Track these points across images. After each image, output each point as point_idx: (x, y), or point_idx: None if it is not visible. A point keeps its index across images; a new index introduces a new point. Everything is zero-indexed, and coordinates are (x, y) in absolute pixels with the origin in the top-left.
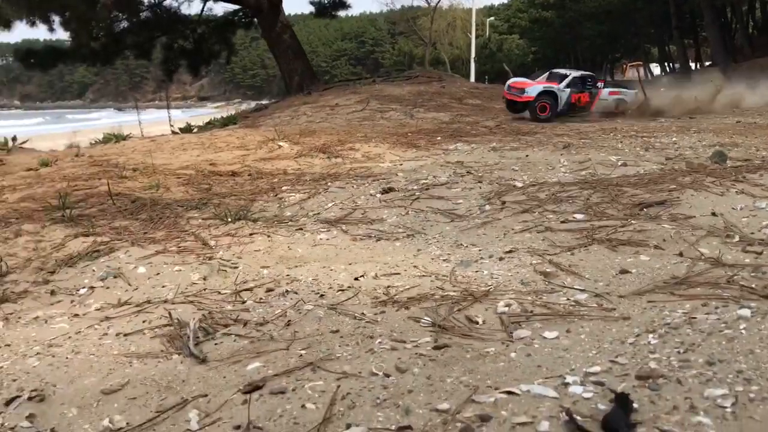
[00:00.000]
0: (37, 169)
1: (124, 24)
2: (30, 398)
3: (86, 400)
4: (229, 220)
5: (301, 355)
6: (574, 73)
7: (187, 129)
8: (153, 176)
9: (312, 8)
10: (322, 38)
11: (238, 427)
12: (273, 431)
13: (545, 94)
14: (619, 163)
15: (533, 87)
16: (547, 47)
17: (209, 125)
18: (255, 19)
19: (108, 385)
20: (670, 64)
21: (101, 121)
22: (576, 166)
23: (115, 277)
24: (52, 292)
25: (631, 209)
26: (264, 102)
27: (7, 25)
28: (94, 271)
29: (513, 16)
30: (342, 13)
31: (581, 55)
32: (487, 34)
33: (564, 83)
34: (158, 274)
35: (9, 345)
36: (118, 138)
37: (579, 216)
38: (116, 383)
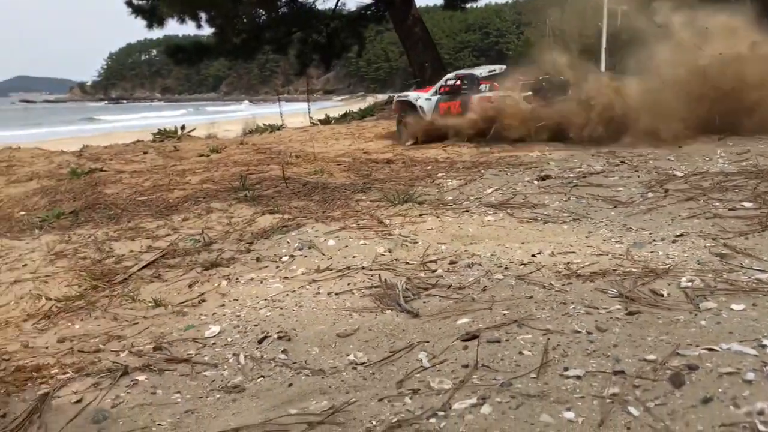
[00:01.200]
0: (208, 155)
1: (264, 20)
2: (280, 338)
3: (325, 342)
4: (397, 202)
5: (504, 314)
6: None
7: (326, 120)
8: (315, 162)
9: (441, 0)
10: (446, 30)
11: (466, 366)
12: (499, 369)
13: (403, 104)
14: None
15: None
16: None
17: (346, 117)
18: (386, 13)
19: (342, 330)
20: None
21: (237, 113)
22: (735, 158)
23: (309, 248)
24: (257, 259)
25: None
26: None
27: (161, 23)
28: (288, 242)
29: None
30: (468, 5)
31: None
32: (619, 22)
33: (434, 89)
34: (346, 246)
35: (237, 299)
36: (273, 128)
37: (747, 204)
38: (348, 329)
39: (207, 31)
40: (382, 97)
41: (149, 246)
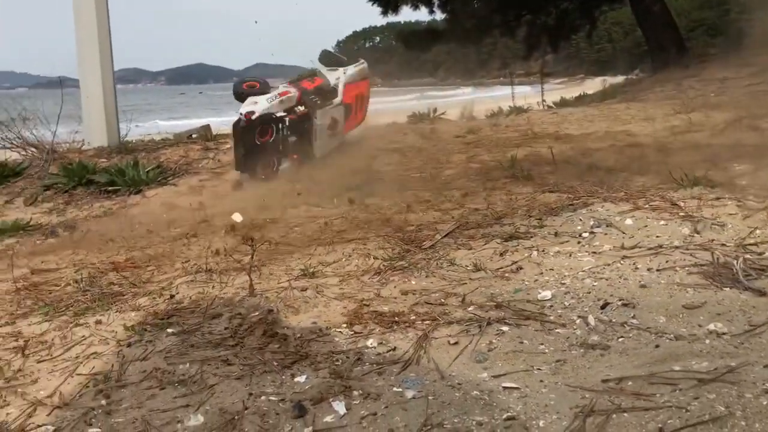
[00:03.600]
0: (464, 136)
1: (496, 3)
2: (624, 305)
3: (671, 312)
4: (685, 185)
5: None
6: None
7: (562, 103)
8: (576, 143)
9: None
10: (677, 8)
11: None
12: None
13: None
14: None
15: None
16: None
17: (583, 99)
18: None
19: (686, 303)
20: None
21: (460, 97)
22: None
23: (607, 226)
24: (555, 234)
25: None
26: (619, 77)
27: (395, 10)
28: (581, 220)
29: None
30: None
31: None
32: None
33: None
34: (646, 226)
35: (552, 269)
36: (518, 110)
37: None
38: (693, 302)
39: (439, 16)
40: (613, 80)
41: (440, 217)
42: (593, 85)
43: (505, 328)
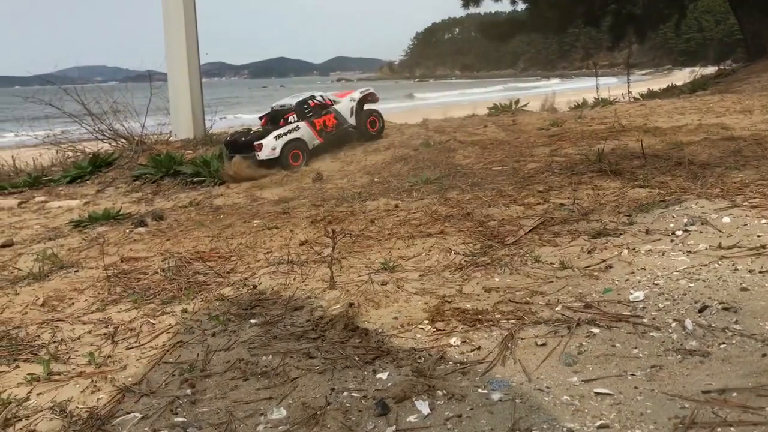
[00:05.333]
0: (547, 128)
1: None
2: (725, 309)
3: None
4: None
5: None
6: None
7: (650, 95)
8: (666, 137)
9: None
10: None
11: None
12: None
13: None
14: None
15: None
16: None
17: (671, 91)
18: None
19: None
20: None
21: (542, 89)
22: None
23: (702, 224)
24: (647, 231)
25: None
26: (709, 68)
27: (476, 2)
28: (674, 217)
29: None
30: None
31: None
32: None
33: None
34: (745, 225)
35: (644, 269)
36: (605, 102)
37: None
38: None
39: (520, 6)
40: (704, 71)
41: (523, 212)
42: (681, 76)
43: (595, 330)
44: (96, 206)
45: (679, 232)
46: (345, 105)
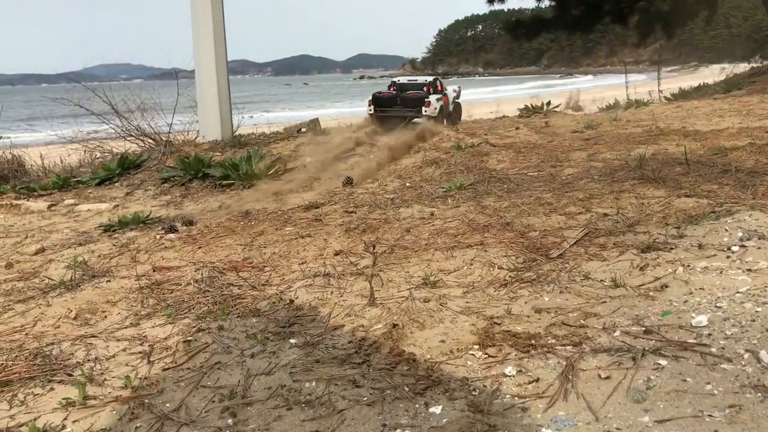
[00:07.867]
0: (582, 131)
1: None
2: None
3: None
4: None
5: None
6: None
7: (682, 94)
8: (706, 141)
9: None
10: None
11: None
12: None
13: None
14: None
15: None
16: None
17: (703, 89)
18: None
19: None
20: None
21: (574, 86)
22: None
23: (759, 238)
24: (699, 246)
25: None
26: (737, 65)
27: None
28: (727, 230)
29: None
30: None
31: None
32: None
33: None
34: None
35: (702, 288)
36: (639, 103)
37: None
38: None
39: (545, 3)
40: (731, 68)
41: (565, 222)
42: (709, 73)
43: (662, 362)
44: (125, 209)
45: (735, 248)
46: (450, 93)
